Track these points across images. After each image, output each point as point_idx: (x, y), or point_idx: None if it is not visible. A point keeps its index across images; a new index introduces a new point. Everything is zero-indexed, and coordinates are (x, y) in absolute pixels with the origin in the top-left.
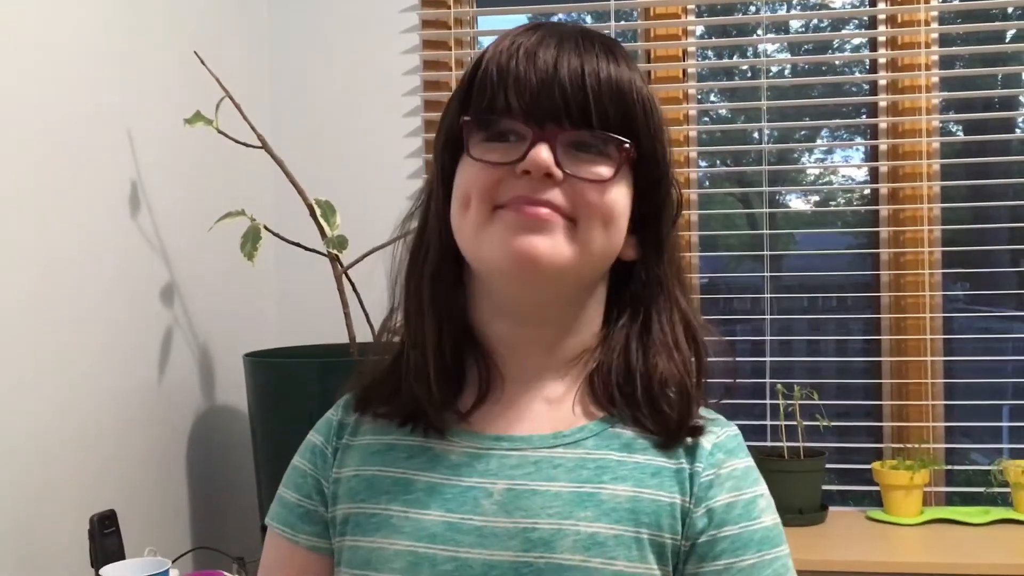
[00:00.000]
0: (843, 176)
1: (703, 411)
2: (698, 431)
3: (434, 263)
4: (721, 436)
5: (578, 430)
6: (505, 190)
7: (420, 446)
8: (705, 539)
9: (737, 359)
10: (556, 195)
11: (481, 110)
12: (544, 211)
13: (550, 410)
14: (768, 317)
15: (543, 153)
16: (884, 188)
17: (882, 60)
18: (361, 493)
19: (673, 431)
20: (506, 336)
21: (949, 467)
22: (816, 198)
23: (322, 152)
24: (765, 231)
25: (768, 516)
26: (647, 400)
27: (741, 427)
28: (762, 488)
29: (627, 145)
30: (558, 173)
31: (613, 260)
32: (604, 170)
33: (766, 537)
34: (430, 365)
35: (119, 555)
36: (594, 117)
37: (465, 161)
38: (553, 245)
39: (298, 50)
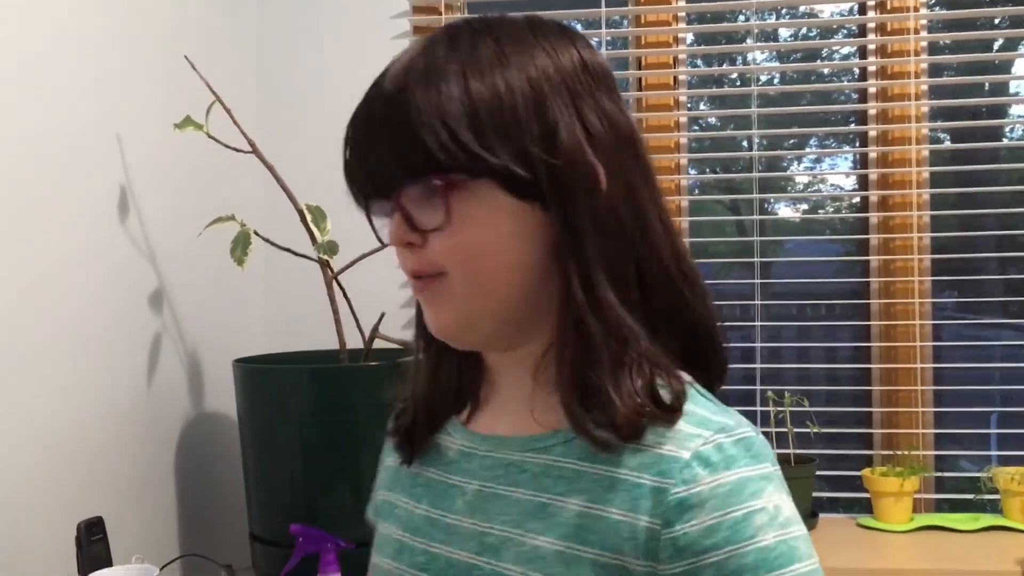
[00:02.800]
0: (832, 184)
1: (698, 406)
2: (640, 432)
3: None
4: (708, 444)
5: (550, 435)
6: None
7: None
8: (683, 569)
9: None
10: (415, 261)
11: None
12: (419, 284)
13: (535, 412)
14: (758, 324)
15: (392, 228)
16: (874, 196)
17: (871, 68)
18: (388, 482)
19: (620, 428)
20: (493, 358)
21: (939, 474)
22: (806, 205)
23: (312, 157)
24: (755, 238)
25: (769, 533)
26: (608, 397)
27: None
28: (763, 501)
29: (436, 182)
30: (413, 239)
31: (524, 282)
32: (435, 216)
33: (763, 559)
34: (420, 410)
35: (106, 563)
36: (383, 179)
37: None
38: (438, 313)
39: (288, 55)
